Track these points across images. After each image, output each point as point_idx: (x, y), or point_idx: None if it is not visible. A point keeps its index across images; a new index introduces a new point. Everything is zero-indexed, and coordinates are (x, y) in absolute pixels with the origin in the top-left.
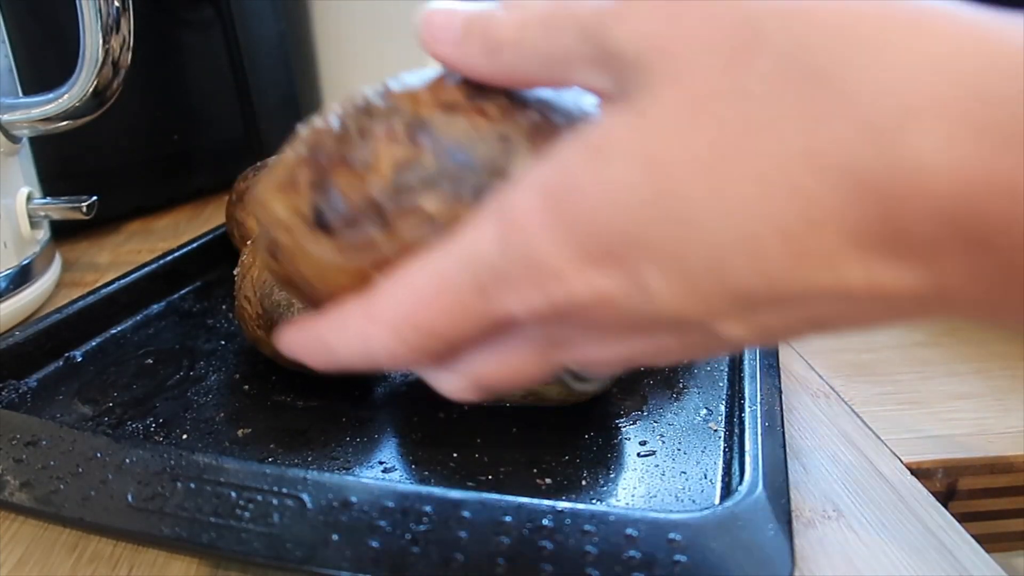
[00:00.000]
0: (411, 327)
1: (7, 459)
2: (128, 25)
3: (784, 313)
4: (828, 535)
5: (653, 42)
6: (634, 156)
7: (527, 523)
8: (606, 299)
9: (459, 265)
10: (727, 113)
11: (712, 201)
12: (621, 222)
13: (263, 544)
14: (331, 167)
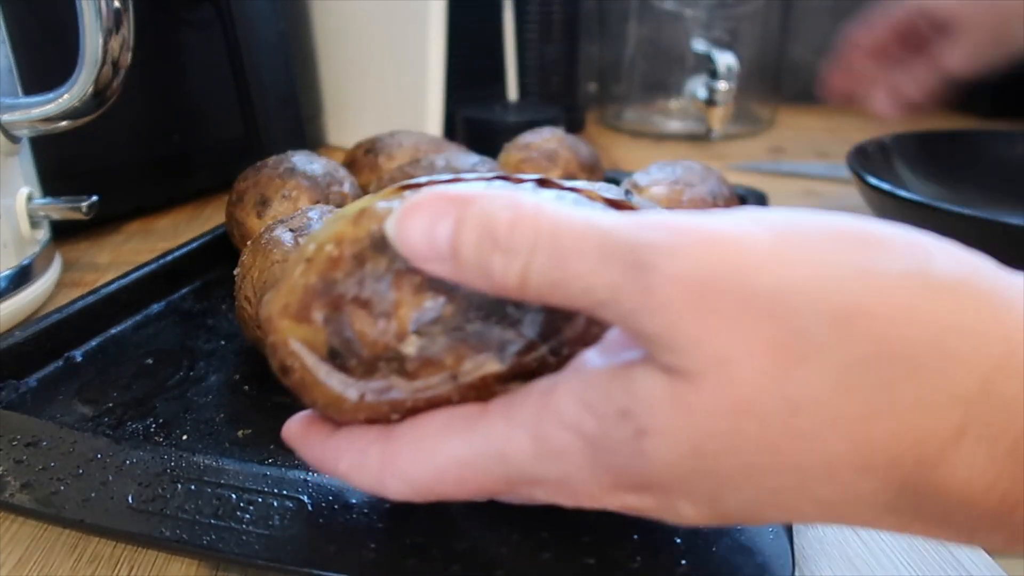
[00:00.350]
0: (431, 492)
1: (7, 460)
2: (128, 25)
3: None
4: (828, 535)
5: (686, 337)
6: (677, 443)
7: (527, 527)
8: (636, 510)
9: (487, 460)
10: (772, 421)
11: (752, 480)
12: (660, 480)
13: (263, 546)
14: (346, 306)
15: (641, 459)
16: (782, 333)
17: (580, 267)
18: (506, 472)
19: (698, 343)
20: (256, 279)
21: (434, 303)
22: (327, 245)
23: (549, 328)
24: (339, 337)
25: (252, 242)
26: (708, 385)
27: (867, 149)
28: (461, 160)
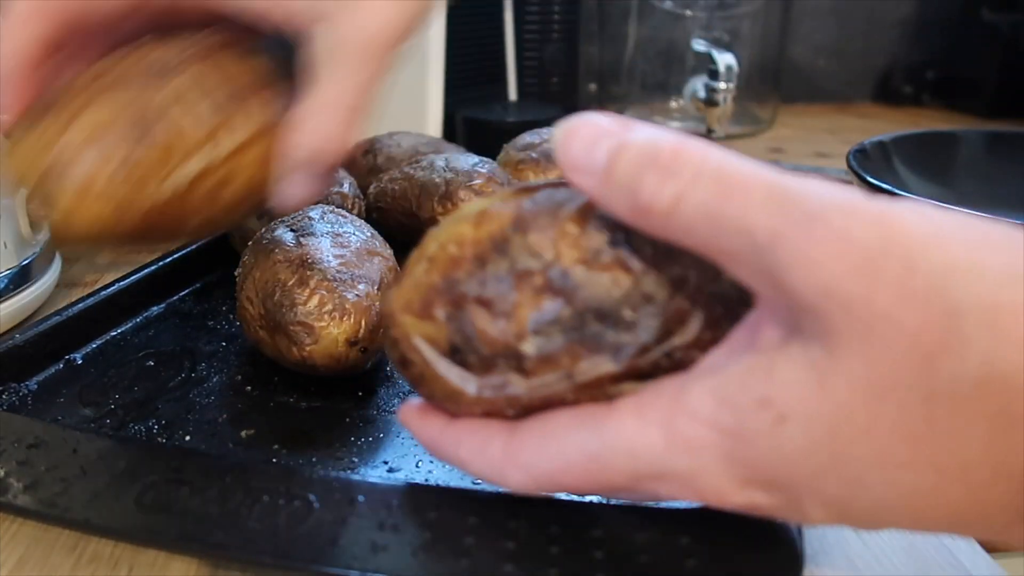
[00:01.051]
0: (553, 483)
1: (10, 462)
2: None
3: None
4: (828, 535)
5: (841, 303)
6: (815, 428)
7: (534, 522)
8: (761, 508)
9: (616, 454)
10: (911, 407)
11: (886, 475)
12: (793, 474)
13: (270, 544)
14: (468, 304)
15: (778, 449)
16: (934, 317)
17: (744, 204)
18: (634, 467)
19: (849, 307)
20: (258, 279)
21: (553, 304)
22: (449, 245)
23: (663, 332)
24: (460, 334)
25: (253, 243)
26: (849, 359)
27: (867, 149)
28: (461, 160)
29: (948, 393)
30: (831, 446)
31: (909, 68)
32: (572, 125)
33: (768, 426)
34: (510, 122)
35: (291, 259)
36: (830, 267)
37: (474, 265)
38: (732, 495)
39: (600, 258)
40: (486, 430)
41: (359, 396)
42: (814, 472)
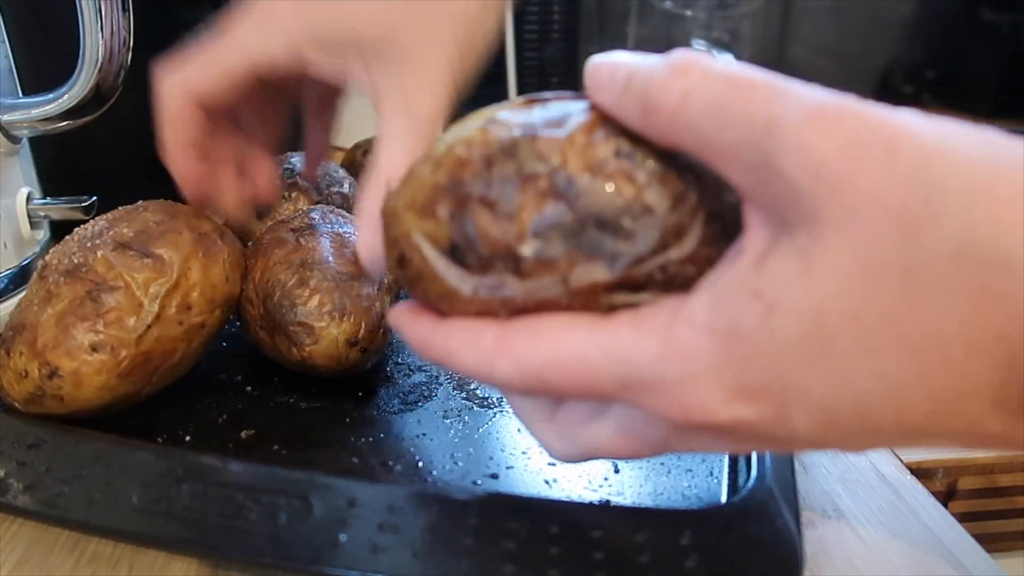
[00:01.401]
0: (538, 378)
1: (10, 462)
2: (128, 25)
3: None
4: (828, 535)
5: (828, 184)
6: (802, 313)
7: (534, 523)
8: (746, 425)
9: (607, 358)
10: (893, 286)
11: (871, 363)
12: (783, 369)
13: (270, 545)
14: (471, 204)
15: (769, 342)
16: (913, 194)
17: (746, 97)
18: (624, 373)
19: (834, 187)
20: (258, 280)
21: (555, 209)
22: (457, 147)
23: (660, 244)
24: (461, 233)
25: (254, 243)
26: (834, 242)
27: None
28: None
29: (926, 268)
30: (818, 334)
31: (909, 68)
32: (605, 56)
33: (759, 317)
34: None
35: (291, 260)
36: (820, 148)
37: (481, 167)
38: (718, 408)
39: (605, 167)
40: (478, 324)
41: (359, 396)
42: (802, 365)
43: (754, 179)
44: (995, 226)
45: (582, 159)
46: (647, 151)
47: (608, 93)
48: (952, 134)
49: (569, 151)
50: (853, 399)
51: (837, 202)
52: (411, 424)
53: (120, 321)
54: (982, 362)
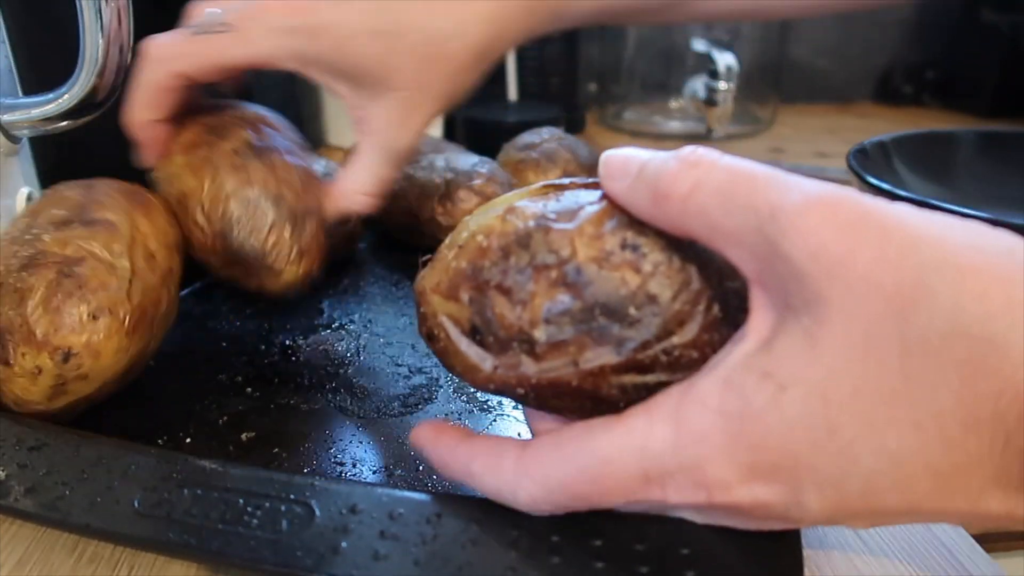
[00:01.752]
0: (565, 492)
1: (11, 464)
2: (128, 25)
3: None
4: (828, 535)
5: (827, 266)
6: (809, 392)
7: (536, 531)
8: (763, 505)
9: (626, 453)
10: (891, 363)
11: (874, 440)
12: (793, 449)
13: (271, 551)
14: (489, 291)
15: (779, 422)
16: (907, 275)
17: (751, 187)
18: (644, 467)
19: (833, 270)
20: (208, 207)
21: (565, 297)
22: (478, 235)
23: (664, 331)
24: (481, 316)
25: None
26: (835, 323)
27: (867, 149)
28: (461, 160)
29: (920, 346)
30: (824, 412)
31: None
32: (618, 149)
33: (769, 397)
34: (510, 122)
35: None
36: (819, 232)
37: (499, 255)
38: (737, 488)
39: (612, 258)
40: (499, 446)
41: (360, 399)
42: (811, 443)
43: (759, 263)
44: (982, 306)
45: (591, 250)
46: (653, 242)
47: (620, 182)
48: (939, 221)
49: (579, 242)
50: (860, 477)
51: (836, 283)
52: (412, 427)
53: (104, 285)
54: (979, 438)
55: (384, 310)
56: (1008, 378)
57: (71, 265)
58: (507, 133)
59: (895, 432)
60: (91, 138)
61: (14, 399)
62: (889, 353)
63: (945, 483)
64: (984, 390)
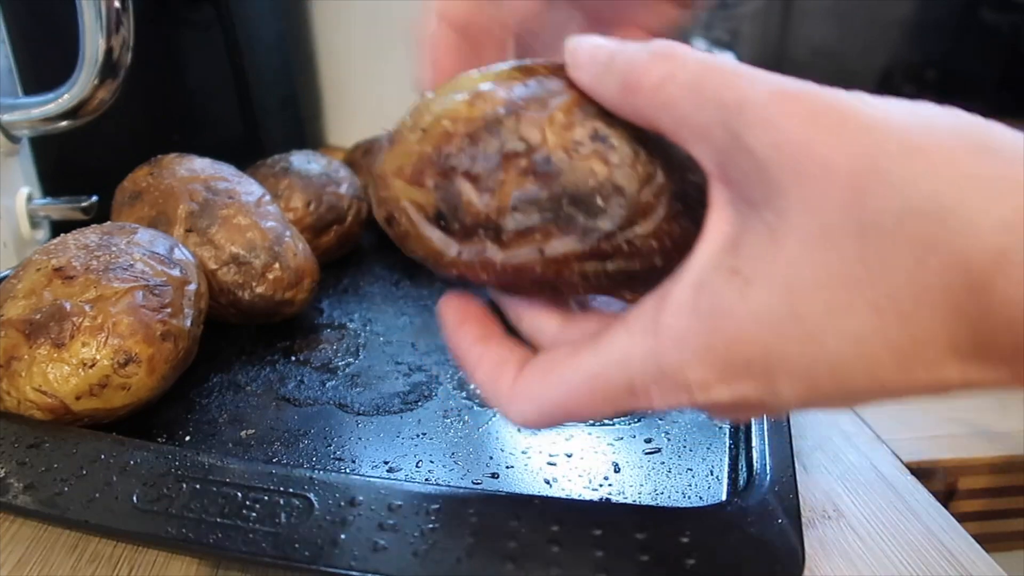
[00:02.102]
0: (560, 410)
1: (10, 462)
2: (128, 25)
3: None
4: (828, 535)
5: (788, 155)
6: (773, 284)
7: (535, 522)
8: (742, 400)
9: (612, 368)
10: (849, 248)
11: (838, 323)
12: (763, 342)
13: (270, 544)
14: (456, 177)
15: (749, 316)
16: (862, 158)
17: (721, 81)
18: (629, 376)
19: (793, 158)
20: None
21: (534, 187)
22: (444, 120)
23: (627, 221)
24: (447, 203)
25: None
26: (796, 214)
27: None
28: None
29: (875, 230)
30: (789, 302)
31: (909, 68)
32: (585, 36)
33: (738, 293)
34: None
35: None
36: (781, 124)
37: (466, 141)
38: (716, 387)
39: (581, 149)
40: (501, 365)
41: (359, 396)
42: (779, 335)
43: (723, 157)
44: (931, 183)
45: (561, 139)
46: (621, 134)
47: (588, 71)
48: (896, 105)
49: (549, 131)
50: (826, 361)
51: (796, 172)
52: (411, 423)
53: (178, 313)
54: (931, 311)
55: (384, 309)
56: (956, 251)
57: (160, 287)
58: None
59: (856, 315)
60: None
61: (38, 384)
62: (846, 239)
63: (905, 358)
64: (933, 264)
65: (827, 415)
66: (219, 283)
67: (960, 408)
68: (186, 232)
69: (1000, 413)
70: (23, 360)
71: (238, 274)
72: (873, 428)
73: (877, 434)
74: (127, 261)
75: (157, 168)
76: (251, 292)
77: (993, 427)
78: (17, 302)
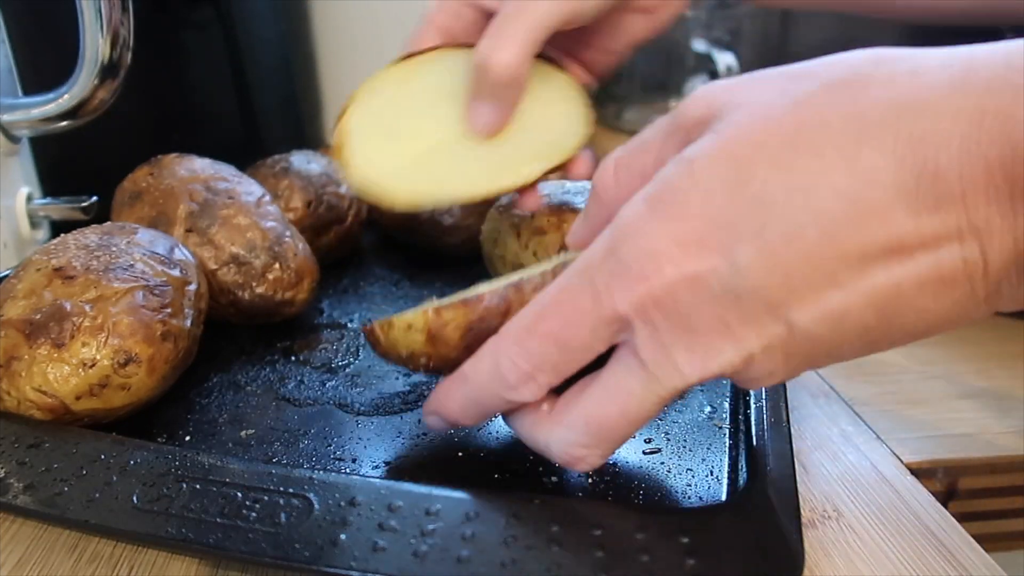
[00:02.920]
0: (533, 336)
1: (10, 462)
2: (128, 25)
3: (849, 292)
4: (828, 535)
5: (715, 105)
6: (717, 156)
7: (534, 522)
8: (699, 279)
9: (575, 275)
10: (784, 116)
11: (782, 180)
12: (713, 211)
13: (270, 544)
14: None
15: (695, 189)
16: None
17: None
18: (591, 280)
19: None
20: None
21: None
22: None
23: None
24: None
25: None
26: (738, 112)
27: None
28: None
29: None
30: (734, 168)
31: None
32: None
33: (684, 172)
34: None
35: (250, 240)
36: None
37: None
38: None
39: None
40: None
41: (359, 396)
42: (728, 201)
43: (673, 137)
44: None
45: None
46: None
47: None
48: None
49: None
50: (779, 220)
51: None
52: (411, 424)
53: (178, 313)
54: (872, 148)
55: (384, 309)
56: (885, 82)
57: (160, 287)
58: None
59: (800, 166)
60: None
61: (38, 384)
62: (782, 113)
63: (854, 204)
64: (864, 103)
65: (825, 414)
66: (219, 283)
67: (960, 408)
68: (186, 232)
69: (1000, 413)
70: (23, 360)
71: (238, 274)
72: (873, 428)
73: (877, 434)
74: (127, 261)
75: (157, 168)
76: (251, 292)
77: (993, 427)
78: (17, 302)
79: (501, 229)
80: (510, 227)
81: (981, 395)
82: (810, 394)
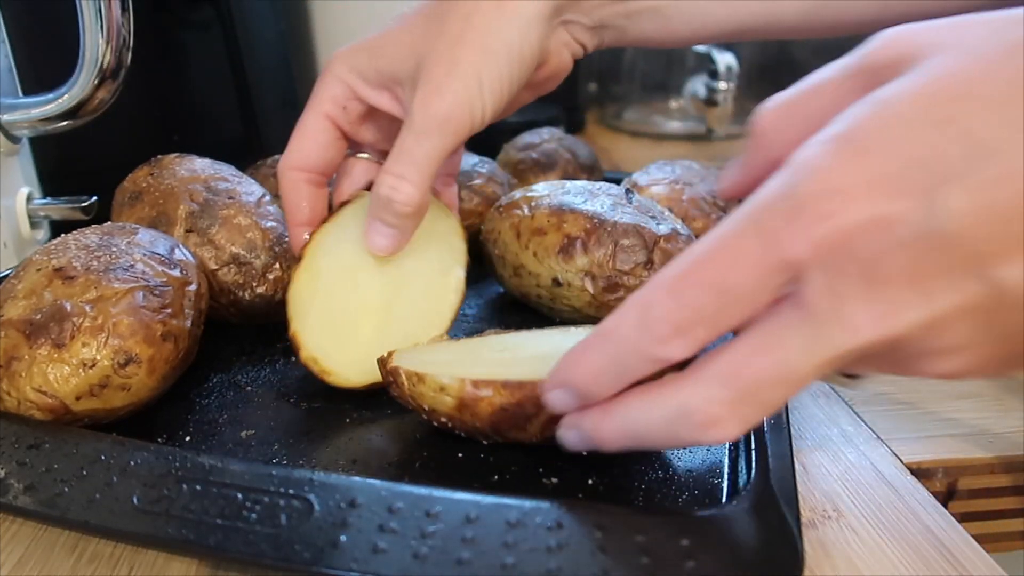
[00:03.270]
0: (690, 284)
1: (10, 462)
2: (128, 25)
3: None
4: (828, 535)
5: (913, 46)
6: (923, 96)
7: (535, 523)
8: (892, 221)
9: (739, 220)
10: (1006, 59)
11: (1006, 122)
12: (914, 147)
13: (270, 546)
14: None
15: (894, 124)
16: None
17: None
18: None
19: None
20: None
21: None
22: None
23: None
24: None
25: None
26: (936, 59)
27: None
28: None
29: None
30: (940, 106)
31: None
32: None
33: (876, 110)
34: (510, 122)
35: (251, 240)
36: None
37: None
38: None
39: None
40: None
41: (359, 396)
42: (937, 136)
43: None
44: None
45: None
46: None
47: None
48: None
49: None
50: (999, 163)
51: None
52: (411, 424)
53: (179, 314)
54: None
55: None
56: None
57: (160, 287)
58: (507, 133)
59: (1015, 107)
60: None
61: (38, 384)
62: (1002, 54)
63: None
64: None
65: (825, 415)
66: (219, 283)
67: (960, 408)
68: (186, 232)
69: (1000, 413)
70: (23, 360)
71: (238, 274)
72: (873, 428)
73: (877, 434)
74: (127, 261)
75: (157, 168)
76: (251, 292)
77: (993, 427)
78: (17, 302)
79: (501, 229)
80: (510, 227)
81: (981, 395)
82: (810, 394)
